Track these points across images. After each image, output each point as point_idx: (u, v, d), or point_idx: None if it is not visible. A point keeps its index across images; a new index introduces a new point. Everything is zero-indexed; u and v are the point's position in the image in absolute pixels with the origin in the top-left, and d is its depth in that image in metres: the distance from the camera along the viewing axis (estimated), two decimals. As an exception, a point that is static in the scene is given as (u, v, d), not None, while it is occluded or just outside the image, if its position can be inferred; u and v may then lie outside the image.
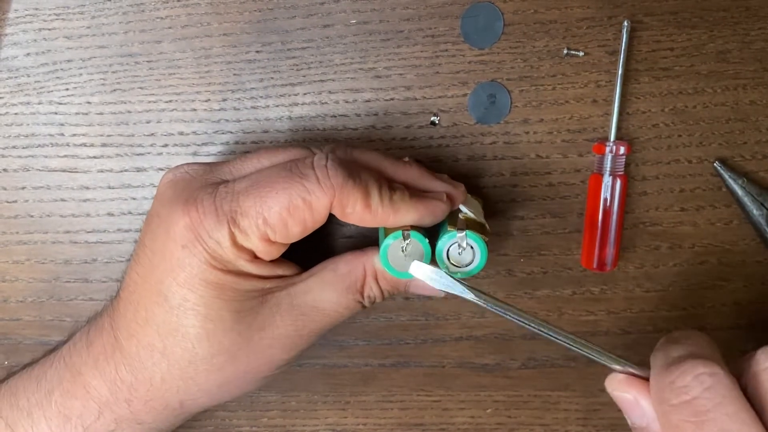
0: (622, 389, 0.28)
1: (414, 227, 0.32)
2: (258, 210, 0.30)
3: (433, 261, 0.32)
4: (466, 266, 0.32)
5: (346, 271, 0.34)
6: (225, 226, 0.30)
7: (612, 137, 0.37)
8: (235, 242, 0.30)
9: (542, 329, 0.29)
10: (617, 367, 0.29)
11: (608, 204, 0.37)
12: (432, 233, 0.33)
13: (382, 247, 0.32)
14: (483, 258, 0.32)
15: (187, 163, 0.34)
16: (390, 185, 0.32)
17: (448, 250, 0.32)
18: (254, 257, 0.31)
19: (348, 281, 0.33)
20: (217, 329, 0.31)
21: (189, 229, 0.30)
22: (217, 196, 0.31)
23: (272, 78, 0.39)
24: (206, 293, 0.31)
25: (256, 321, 0.32)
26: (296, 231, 0.31)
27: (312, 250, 0.36)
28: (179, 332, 0.31)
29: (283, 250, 0.32)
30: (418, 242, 0.32)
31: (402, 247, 0.32)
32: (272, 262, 0.32)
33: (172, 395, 0.33)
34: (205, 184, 0.32)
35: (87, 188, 0.40)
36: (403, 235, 0.32)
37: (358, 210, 0.30)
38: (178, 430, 0.36)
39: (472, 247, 0.32)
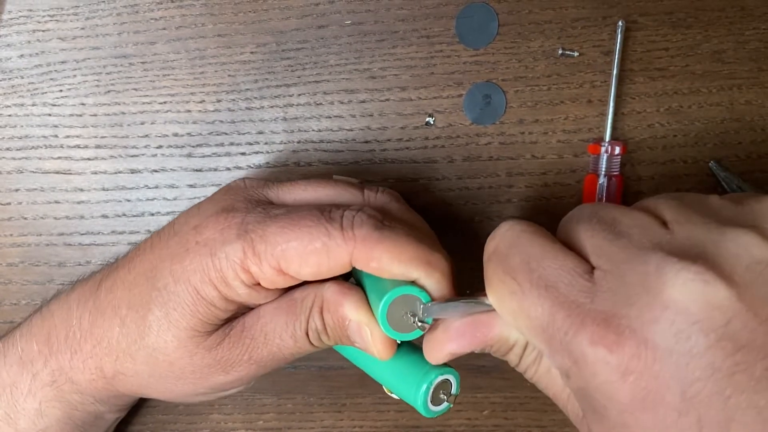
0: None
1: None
2: (278, 239, 0.30)
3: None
4: (437, 406, 0.31)
5: (300, 297, 0.32)
6: (240, 243, 0.30)
7: (607, 137, 0.37)
8: (243, 262, 0.30)
9: None
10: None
11: (604, 204, 0.37)
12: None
13: (387, 295, 0.29)
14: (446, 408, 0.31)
15: (248, 177, 0.35)
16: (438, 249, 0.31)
17: (436, 386, 0.30)
18: (255, 284, 0.31)
19: (297, 308, 0.32)
20: (169, 331, 0.31)
21: (210, 231, 0.31)
22: (249, 213, 0.31)
23: (267, 79, 0.39)
24: (183, 294, 0.31)
25: (206, 342, 0.32)
26: (308, 271, 0.30)
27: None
28: (141, 312, 0.32)
29: (291, 283, 0.31)
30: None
31: (415, 311, 0.29)
32: (265, 293, 0.32)
33: (109, 361, 0.33)
34: (249, 198, 0.32)
35: (81, 190, 0.40)
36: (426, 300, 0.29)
37: (385, 262, 0.29)
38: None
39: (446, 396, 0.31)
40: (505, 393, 0.41)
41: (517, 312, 0.27)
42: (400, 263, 0.29)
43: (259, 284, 0.31)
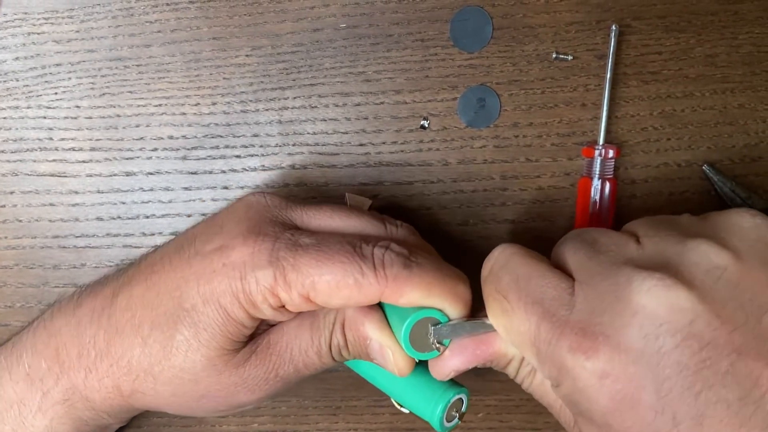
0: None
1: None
2: (310, 271, 0.30)
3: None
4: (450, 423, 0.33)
5: (322, 313, 0.33)
6: (271, 270, 0.30)
7: (601, 141, 0.37)
8: (273, 288, 0.30)
9: None
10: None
11: (597, 207, 0.37)
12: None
13: (410, 320, 0.31)
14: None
15: (269, 192, 0.35)
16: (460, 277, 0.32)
17: (449, 406, 0.32)
18: (281, 306, 0.31)
19: (320, 324, 0.33)
20: (198, 351, 0.32)
21: (239, 254, 0.31)
22: (279, 239, 0.31)
23: (262, 82, 0.39)
24: (213, 315, 0.31)
25: (233, 360, 0.32)
26: (337, 303, 0.31)
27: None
28: (167, 332, 0.32)
29: (315, 308, 0.32)
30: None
31: (430, 333, 0.31)
32: (288, 314, 0.32)
33: (128, 381, 0.33)
34: (275, 221, 0.33)
35: (76, 193, 0.40)
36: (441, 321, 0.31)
37: (414, 299, 0.30)
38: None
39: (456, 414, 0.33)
40: (500, 396, 0.41)
41: (509, 328, 0.29)
42: (429, 298, 0.30)
43: (284, 307, 0.31)
